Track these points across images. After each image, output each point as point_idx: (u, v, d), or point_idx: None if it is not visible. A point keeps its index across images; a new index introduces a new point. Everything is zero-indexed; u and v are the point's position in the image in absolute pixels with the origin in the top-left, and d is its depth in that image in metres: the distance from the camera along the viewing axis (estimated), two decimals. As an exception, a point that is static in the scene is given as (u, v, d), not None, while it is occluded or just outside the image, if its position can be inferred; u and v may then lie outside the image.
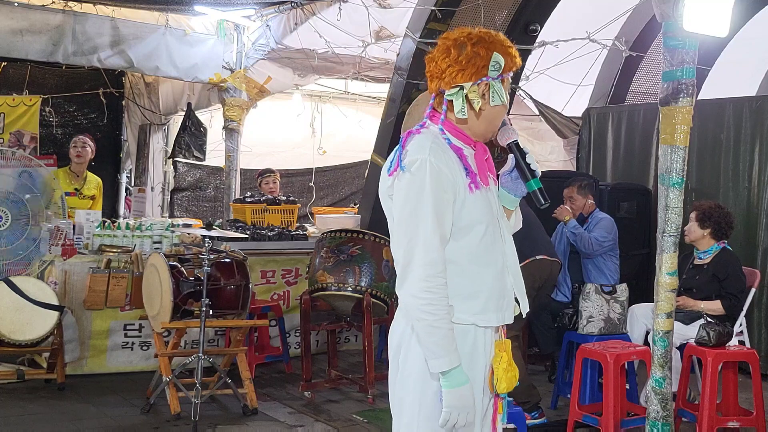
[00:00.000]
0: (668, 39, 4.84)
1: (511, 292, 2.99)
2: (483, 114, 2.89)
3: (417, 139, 2.87)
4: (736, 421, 5.76)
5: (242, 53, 10.18)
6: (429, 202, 2.77)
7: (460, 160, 2.86)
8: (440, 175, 2.78)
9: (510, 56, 2.89)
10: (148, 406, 6.20)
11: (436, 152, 2.80)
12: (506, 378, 2.93)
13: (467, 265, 2.88)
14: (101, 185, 8.77)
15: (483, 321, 2.90)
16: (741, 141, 8.08)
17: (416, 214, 2.79)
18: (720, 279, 6.43)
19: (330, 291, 6.65)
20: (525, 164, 2.92)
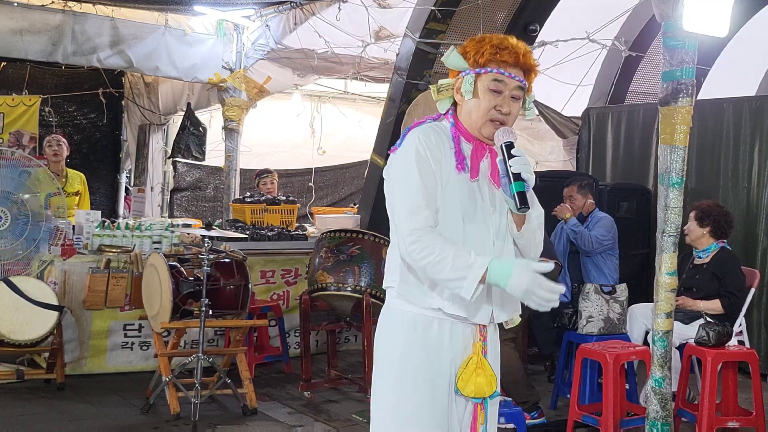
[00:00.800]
0: (668, 39, 4.84)
1: (490, 292, 2.94)
2: (463, 108, 3.01)
3: (419, 126, 3.01)
4: (735, 421, 5.76)
5: (242, 53, 10.18)
6: (415, 171, 2.86)
7: (454, 143, 2.97)
8: (427, 149, 2.89)
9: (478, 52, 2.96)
10: (148, 406, 6.19)
11: (425, 133, 2.94)
12: (474, 382, 2.91)
13: None
14: (84, 179, 8.74)
15: (450, 308, 2.90)
16: (740, 141, 8.08)
17: (403, 183, 2.89)
18: (719, 277, 6.43)
19: (329, 291, 6.65)
20: (507, 166, 2.89)
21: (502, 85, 2.95)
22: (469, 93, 2.96)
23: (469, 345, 2.95)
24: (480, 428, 2.98)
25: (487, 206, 2.97)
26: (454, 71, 3.04)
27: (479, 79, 2.96)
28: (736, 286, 6.43)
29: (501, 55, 2.94)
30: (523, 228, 3.02)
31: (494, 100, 2.95)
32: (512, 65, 2.96)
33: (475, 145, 3.00)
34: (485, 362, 2.94)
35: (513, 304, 3.05)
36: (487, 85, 2.95)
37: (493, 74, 2.94)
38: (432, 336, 2.92)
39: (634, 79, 10.77)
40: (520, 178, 2.87)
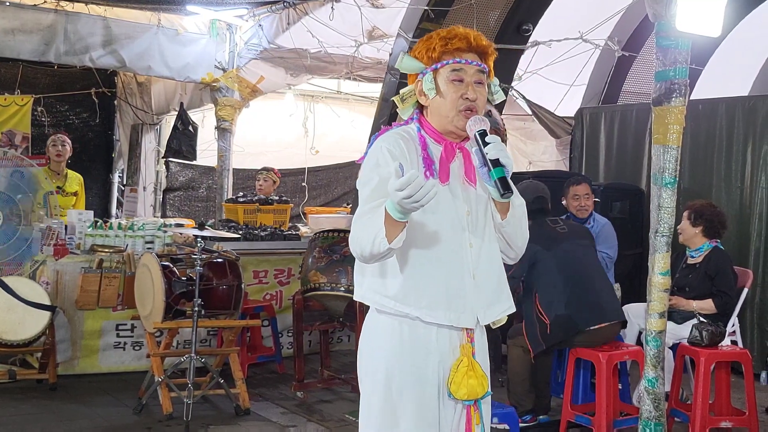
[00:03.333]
0: (661, 39, 4.84)
1: (471, 296, 2.92)
2: (430, 108, 2.99)
3: (386, 133, 2.99)
4: (728, 421, 5.77)
5: (235, 53, 10.17)
6: (375, 175, 2.84)
7: (421, 149, 2.93)
8: (391, 155, 2.85)
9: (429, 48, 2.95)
10: (140, 406, 6.18)
11: (391, 140, 2.91)
12: (466, 384, 2.87)
13: (416, 257, 2.87)
14: (82, 181, 8.75)
15: (428, 316, 2.87)
16: (733, 141, 8.10)
17: (364, 188, 2.88)
18: (711, 277, 6.44)
19: (323, 291, 6.64)
20: (483, 154, 2.83)
21: (462, 73, 2.93)
22: (432, 91, 2.94)
23: (457, 347, 2.92)
24: (476, 429, 2.96)
25: (460, 209, 2.93)
26: (412, 76, 3.03)
27: (438, 75, 2.95)
28: (728, 285, 6.43)
29: (452, 44, 2.92)
30: (507, 215, 2.98)
31: (458, 89, 2.92)
32: (466, 51, 2.94)
33: (445, 146, 2.97)
34: (476, 364, 2.92)
35: (500, 305, 3.02)
36: (447, 77, 2.93)
37: (450, 65, 2.93)
38: (419, 340, 2.90)
39: (627, 79, 10.78)
40: (499, 164, 2.81)
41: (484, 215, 2.99)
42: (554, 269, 5.75)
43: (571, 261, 5.80)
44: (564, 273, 5.73)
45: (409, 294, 2.87)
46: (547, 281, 5.76)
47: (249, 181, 11.48)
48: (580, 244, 5.99)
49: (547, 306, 5.71)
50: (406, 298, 2.87)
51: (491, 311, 2.99)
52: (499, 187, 2.81)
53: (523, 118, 10.79)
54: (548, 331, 5.68)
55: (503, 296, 3.04)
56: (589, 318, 5.68)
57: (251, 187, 10.45)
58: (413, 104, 3.04)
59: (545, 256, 5.78)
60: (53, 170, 8.35)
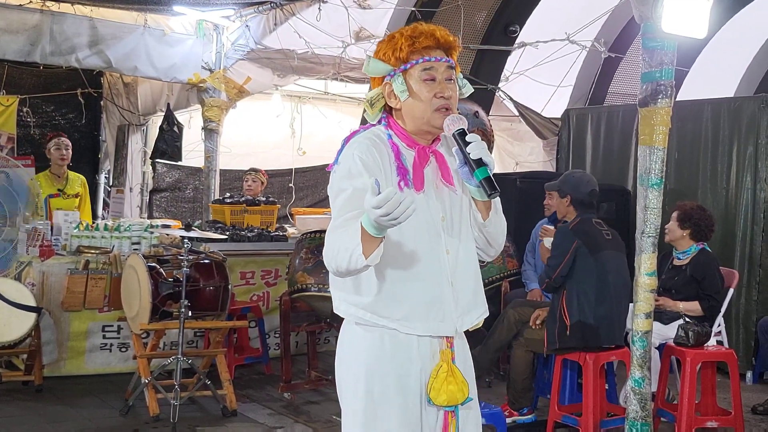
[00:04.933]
0: (647, 40, 4.86)
1: (450, 304, 2.88)
2: (403, 111, 2.91)
3: (357, 136, 2.91)
4: (714, 421, 5.80)
5: (221, 53, 10.13)
6: (348, 185, 2.77)
7: (394, 157, 2.86)
8: (364, 164, 2.78)
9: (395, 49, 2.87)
10: (127, 408, 6.17)
11: (362, 146, 2.83)
12: (446, 390, 2.82)
13: (391, 268, 2.82)
14: (85, 182, 8.75)
15: (405, 328, 2.83)
16: (719, 142, 8.13)
17: (340, 203, 2.78)
18: (698, 280, 6.46)
19: (310, 292, 6.63)
20: (466, 154, 2.78)
21: (433, 71, 2.86)
22: (404, 93, 2.86)
23: (437, 352, 2.87)
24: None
25: (436, 215, 2.88)
26: (378, 79, 2.94)
27: (408, 76, 2.87)
28: (714, 288, 6.45)
29: (420, 43, 2.86)
30: (489, 215, 2.94)
31: (432, 88, 2.86)
32: (434, 48, 2.88)
33: (418, 151, 2.90)
34: (455, 369, 2.87)
35: (476, 311, 2.98)
36: (418, 76, 2.86)
37: (420, 64, 2.86)
38: (399, 347, 2.85)
39: (613, 80, 10.82)
40: (482, 163, 2.76)
41: (459, 217, 2.94)
42: (590, 275, 5.66)
43: (608, 272, 5.70)
44: (598, 282, 5.65)
45: (385, 306, 2.82)
46: (579, 283, 5.68)
47: (236, 182, 11.45)
48: (619, 255, 5.91)
49: (572, 308, 5.67)
50: (383, 310, 2.82)
51: (468, 317, 2.96)
52: (486, 188, 2.77)
53: (509, 119, 10.80)
54: (567, 333, 5.66)
55: (479, 301, 3.00)
56: (608, 335, 5.66)
57: (238, 188, 10.43)
58: (381, 108, 2.96)
59: (585, 258, 5.68)
60: (54, 173, 8.33)
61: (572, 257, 5.67)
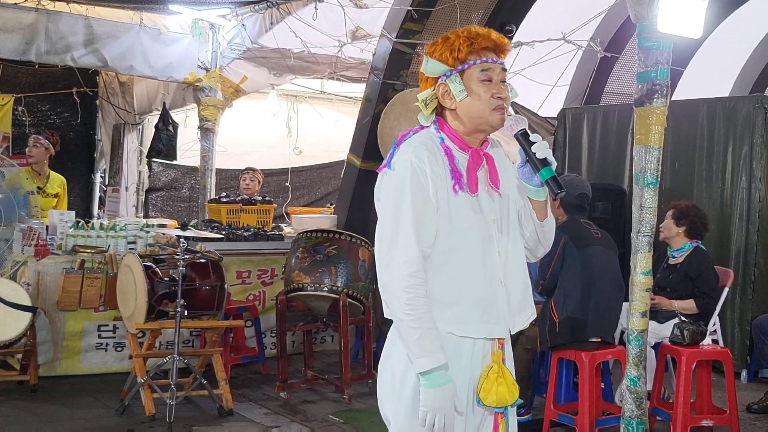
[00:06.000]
0: (643, 40, 4.86)
1: (503, 305, 2.91)
2: (458, 111, 2.92)
3: (409, 139, 2.93)
4: (709, 420, 5.80)
5: (217, 52, 10.15)
6: (408, 202, 2.79)
7: (448, 161, 2.87)
8: (422, 174, 2.80)
9: (454, 50, 2.88)
10: (123, 407, 6.16)
11: (419, 152, 2.83)
12: (496, 391, 2.85)
13: (447, 270, 2.84)
14: (65, 183, 8.69)
15: (461, 331, 2.85)
16: (714, 141, 8.14)
17: (396, 213, 2.82)
18: (693, 278, 6.47)
19: (306, 291, 6.64)
20: (531, 154, 2.84)
21: (490, 72, 2.88)
22: (462, 92, 2.87)
23: (488, 354, 2.90)
24: None
25: (488, 217, 2.90)
26: (430, 80, 2.96)
27: (465, 76, 2.89)
28: (709, 286, 6.47)
29: (478, 44, 2.88)
30: (546, 214, 3.00)
31: (489, 89, 2.87)
32: (491, 50, 2.90)
33: (471, 154, 2.92)
34: (506, 371, 2.91)
35: (526, 312, 3.01)
36: (477, 77, 2.87)
37: (479, 65, 2.88)
38: (451, 349, 2.84)
39: (609, 79, 10.82)
40: (546, 163, 2.83)
41: (508, 219, 2.97)
42: (576, 269, 5.70)
43: (594, 265, 5.72)
44: (584, 276, 5.67)
45: (440, 309, 2.83)
46: (565, 279, 5.71)
47: (232, 181, 11.48)
48: (607, 252, 5.92)
49: (560, 305, 5.69)
50: (438, 313, 2.82)
51: (519, 318, 2.99)
52: (552, 187, 2.83)
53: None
54: (557, 330, 5.68)
55: (528, 302, 3.03)
56: (595, 328, 5.67)
57: (234, 187, 10.44)
58: (434, 109, 2.97)
59: (571, 252, 5.72)
60: (35, 170, 8.31)
61: (561, 253, 5.70)
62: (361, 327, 7.41)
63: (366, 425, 6.11)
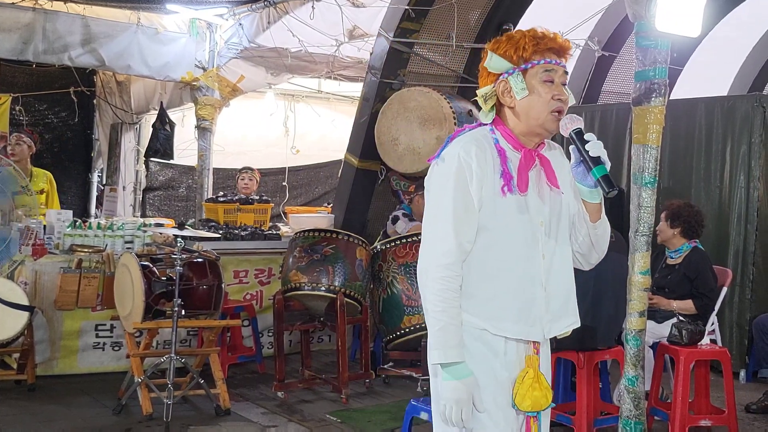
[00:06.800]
0: (641, 39, 4.86)
1: (541, 309, 2.90)
2: (516, 110, 2.91)
3: (463, 134, 2.94)
4: (708, 420, 5.80)
5: (215, 52, 10.13)
6: (450, 194, 2.81)
7: (500, 161, 2.87)
8: (467, 168, 2.81)
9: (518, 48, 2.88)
10: (120, 407, 6.15)
11: (468, 147, 2.84)
12: (531, 396, 2.85)
13: (486, 268, 2.85)
14: (52, 178, 8.60)
15: (495, 329, 2.85)
16: (713, 141, 8.13)
17: (438, 204, 2.86)
18: (691, 278, 6.46)
19: (304, 291, 6.64)
20: (584, 152, 2.83)
21: (553, 73, 2.88)
22: (524, 91, 2.87)
23: (523, 358, 2.90)
24: None
25: (536, 218, 2.90)
26: (491, 76, 2.95)
27: (527, 75, 2.88)
28: (708, 287, 6.46)
29: (544, 44, 2.88)
30: (601, 216, 2.98)
31: (551, 90, 2.87)
32: (555, 52, 2.90)
33: (524, 154, 2.92)
34: (541, 376, 2.90)
35: (566, 319, 3.00)
36: (540, 77, 2.87)
37: (543, 65, 2.88)
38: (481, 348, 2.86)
39: (607, 78, 10.80)
40: (599, 162, 2.82)
41: (558, 222, 2.96)
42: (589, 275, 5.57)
43: (609, 273, 5.58)
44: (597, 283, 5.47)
45: (476, 305, 2.85)
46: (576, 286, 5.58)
47: (229, 181, 11.46)
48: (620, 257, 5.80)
49: None
50: (473, 308, 2.84)
51: (558, 325, 2.97)
52: (604, 186, 2.82)
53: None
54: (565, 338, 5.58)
55: (570, 309, 3.01)
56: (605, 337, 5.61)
57: (231, 187, 10.42)
58: (492, 106, 2.95)
59: None
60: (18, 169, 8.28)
61: None
62: (359, 326, 7.40)
63: (363, 425, 6.11)
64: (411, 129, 7.97)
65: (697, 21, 4.92)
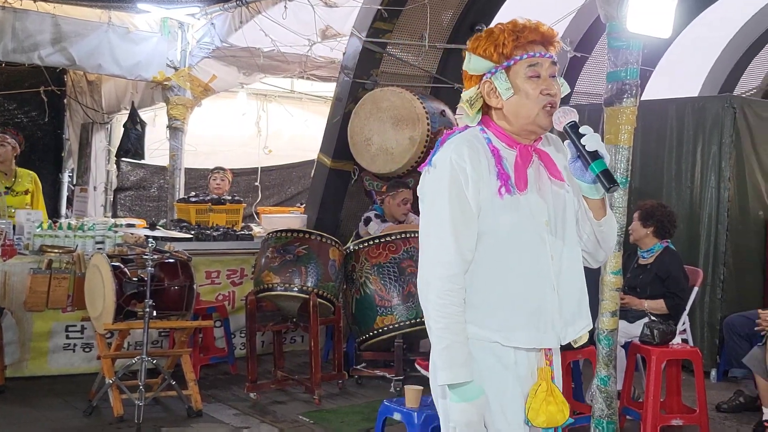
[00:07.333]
0: (612, 40, 4.88)
1: (554, 313, 2.72)
2: (504, 110, 2.75)
3: (453, 137, 2.77)
4: (679, 419, 5.84)
5: (186, 51, 10.07)
6: (446, 202, 2.66)
7: (494, 161, 2.70)
8: (462, 172, 2.65)
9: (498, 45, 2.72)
10: (91, 408, 6.10)
11: (460, 150, 2.68)
12: (545, 411, 2.66)
13: (492, 276, 2.69)
14: (36, 178, 8.52)
15: (507, 339, 2.67)
16: (684, 141, 8.18)
17: (435, 213, 2.70)
18: (663, 279, 6.50)
19: (276, 291, 6.62)
20: (581, 146, 2.63)
21: (538, 67, 2.70)
22: (509, 90, 2.69)
23: (534, 371, 2.72)
24: None
25: (540, 218, 2.72)
26: (474, 77, 2.79)
27: (511, 72, 2.71)
28: (679, 287, 6.50)
29: (524, 37, 2.72)
30: (606, 212, 2.79)
31: (538, 85, 2.69)
32: (538, 43, 2.74)
33: (520, 150, 2.74)
34: (555, 389, 2.73)
35: (581, 321, 2.82)
36: (524, 74, 2.70)
37: (526, 60, 2.71)
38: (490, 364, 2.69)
39: (579, 79, 10.84)
40: (598, 156, 2.62)
41: (564, 220, 2.78)
42: None
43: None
44: None
45: (485, 316, 2.67)
46: None
47: (201, 181, 11.40)
48: None
49: None
50: (483, 320, 2.67)
51: (572, 329, 2.79)
52: (604, 181, 2.62)
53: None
54: None
55: (583, 311, 2.83)
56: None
57: (203, 187, 10.38)
58: (480, 109, 2.79)
59: None
60: (2, 171, 8.20)
61: None
62: (332, 327, 7.39)
63: (336, 426, 6.09)
64: (384, 129, 7.97)
65: (668, 22, 4.94)
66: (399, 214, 7.65)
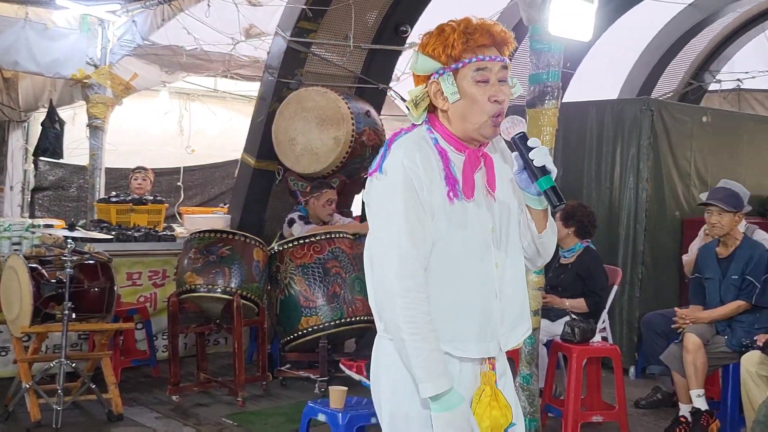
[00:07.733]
0: (534, 42, 4.95)
1: (497, 322, 2.65)
2: (451, 113, 2.63)
3: (400, 139, 2.65)
4: (599, 416, 5.92)
5: (107, 49, 9.92)
6: (401, 209, 2.53)
7: (443, 165, 2.60)
8: (416, 178, 2.54)
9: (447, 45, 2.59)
10: (7, 414, 5.96)
11: (411, 154, 2.56)
12: (489, 416, 2.59)
13: (443, 284, 2.59)
14: None
15: (458, 351, 2.60)
16: (603, 143, 8.31)
17: (389, 222, 2.55)
18: (583, 278, 6.60)
19: (199, 293, 6.56)
20: (528, 160, 2.55)
21: (487, 72, 2.58)
22: (455, 95, 2.57)
23: (478, 375, 2.65)
24: None
25: (486, 225, 2.64)
26: (422, 77, 2.66)
27: (459, 76, 2.58)
28: (599, 285, 6.61)
29: (474, 40, 2.58)
30: (546, 225, 2.72)
31: (485, 91, 2.57)
32: (489, 46, 2.61)
33: (468, 155, 2.63)
34: (499, 393, 2.65)
35: (521, 327, 2.76)
36: (471, 77, 2.58)
37: (474, 63, 2.58)
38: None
39: (501, 81, 10.95)
40: (546, 171, 2.55)
41: (507, 227, 2.70)
42: None
43: None
44: None
45: (439, 326, 2.55)
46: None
47: (122, 181, 11.22)
48: None
49: None
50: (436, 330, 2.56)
51: (514, 335, 2.73)
52: (551, 198, 2.56)
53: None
54: None
55: (525, 317, 2.77)
56: None
57: (124, 187, 10.22)
58: (425, 108, 2.66)
59: None
60: None
61: None
62: (255, 329, 7.34)
63: (260, 427, 6.06)
64: (309, 129, 7.95)
65: (588, 25, 5.03)
66: (324, 215, 7.63)
